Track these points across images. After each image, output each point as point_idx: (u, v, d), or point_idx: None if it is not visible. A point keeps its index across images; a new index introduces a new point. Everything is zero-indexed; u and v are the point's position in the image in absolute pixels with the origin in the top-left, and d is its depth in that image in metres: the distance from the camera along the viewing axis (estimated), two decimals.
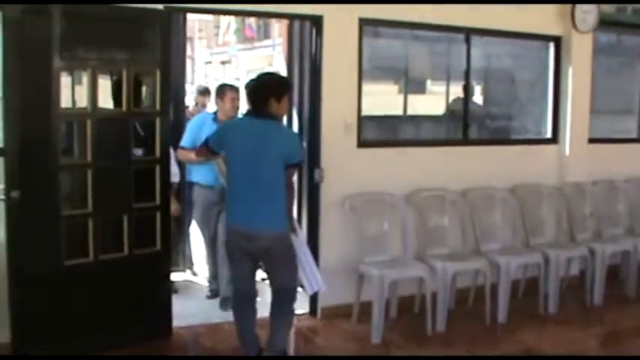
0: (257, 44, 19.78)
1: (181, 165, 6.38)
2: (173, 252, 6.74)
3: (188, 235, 7.01)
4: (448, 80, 6.73)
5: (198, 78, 20.31)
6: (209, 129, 5.47)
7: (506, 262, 5.71)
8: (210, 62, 21.50)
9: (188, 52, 24.94)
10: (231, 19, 16.01)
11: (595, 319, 5.95)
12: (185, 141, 5.95)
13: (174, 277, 6.58)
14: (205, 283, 6.47)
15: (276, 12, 5.56)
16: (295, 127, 6.09)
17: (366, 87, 5.93)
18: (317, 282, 4.80)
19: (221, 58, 19.98)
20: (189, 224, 6.90)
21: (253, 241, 4.41)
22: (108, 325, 4.80)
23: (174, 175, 6.28)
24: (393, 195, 5.80)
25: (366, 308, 5.43)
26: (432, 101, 7.36)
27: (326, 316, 5.65)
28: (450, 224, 6.00)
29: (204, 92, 7.49)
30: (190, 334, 5.36)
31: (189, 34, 24.79)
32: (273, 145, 4.44)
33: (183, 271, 6.94)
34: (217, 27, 19.75)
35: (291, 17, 5.80)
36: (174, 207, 5.80)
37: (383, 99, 7.60)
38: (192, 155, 5.52)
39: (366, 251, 5.60)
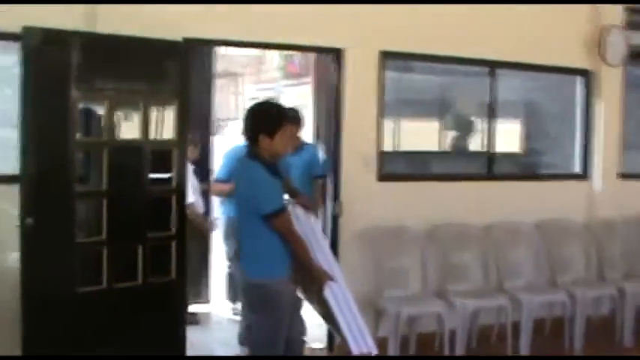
0: (303, 80, 19.85)
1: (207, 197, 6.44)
2: (197, 283, 6.83)
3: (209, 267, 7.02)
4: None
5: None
6: None
7: (529, 300, 5.56)
8: (256, 98, 21.55)
9: (234, 88, 25.31)
10: (275, 55, 16.09)
11: None
12: (219, 173, 5.94)
13: (197, 308, 6.62)
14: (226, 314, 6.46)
15: (297, 44, 5.59)
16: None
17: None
18: (365, 341, 4.18)
19: (267, 94, 20.11)
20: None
21: None
22: (120, 353, 4.79)
23: (200, 207, 6.35)
24: (414, 229, 5.73)
25: (384, 344, 5.33)
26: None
27: (343, 350, 5.57)
28: (473, 260, 5.88)
29: None
30: None
31: (235, 69, 25.17)
32: (242, 193, 4.13)
33: (207, 302, 6.93)
34: (263, 63, 19.93)
35: (311, 50, 5.83)
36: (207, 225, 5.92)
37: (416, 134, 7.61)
38: (226, 188, 5.54)
39: (385, 286, 5.52)
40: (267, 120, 4.04)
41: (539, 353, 5.58)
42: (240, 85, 22.39)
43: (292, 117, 5.70)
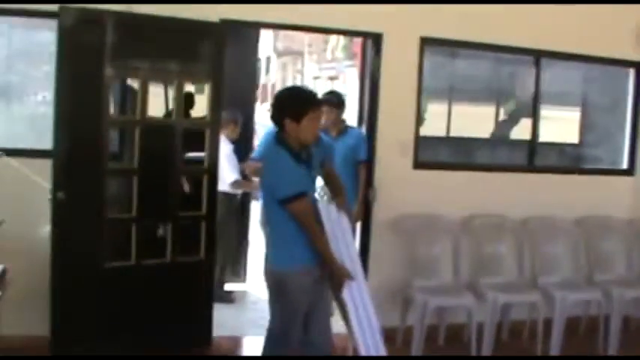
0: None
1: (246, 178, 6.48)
2: (235, 262, 6.90)
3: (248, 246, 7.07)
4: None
5: None
6: None
7: (562, 297, 5.42)
8: (318, 77, 21.67)
9: (298, 66, 25.34)
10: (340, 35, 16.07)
11: None
12: (255, 152, 5.95)
13: (233, 287, 6.68)
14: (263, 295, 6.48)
15: (336, 28, 5.54)
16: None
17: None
18: (375, 345, 4.06)
19: (329, 74, 20.09)
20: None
21: None
22: (145, 329, 4.88)
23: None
24: (448, 218, 5.64)
25: (411, 333, 5.29)
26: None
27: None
28: (507, 253, 5.75)
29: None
30: (230, 345, 5.39)
31: (299, 48, 25.19)
32: (265, 179, 4.08)
33: (244, 281, 6.99)
34: (326, 42, 19.90)
35: (350, 34, 5.76)
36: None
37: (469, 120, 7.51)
38: (259, 166, 5.53)
39: (416, 275, 5.46)
40: (294, 104, 3.91)
41: (569, 353, 5.43)
42: (304, 65, 22.49)
43: (329, 100, 5.70)
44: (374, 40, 5.47)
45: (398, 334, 5.47)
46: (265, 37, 25.10)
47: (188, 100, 5.18)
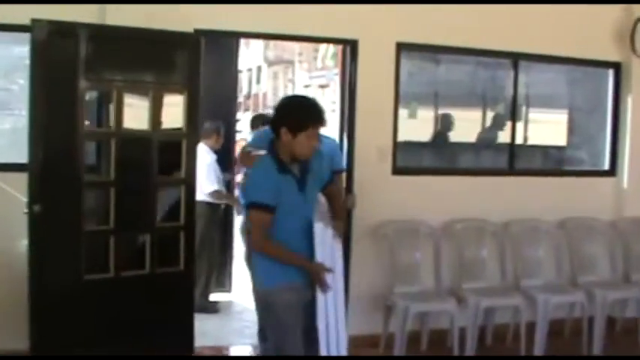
0: None
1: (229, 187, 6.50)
2: (219, 272, 6.88)
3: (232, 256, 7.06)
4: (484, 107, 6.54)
5: None
6: None
7: (545, 300, 5.41)
8: (309, 86, 21.74)
9: (289, 75, 25.38)
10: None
11: None
12: (251, 140, 5.83)
13: (218, 297, 6.67)
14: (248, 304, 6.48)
15: (311, 36, 5.54)
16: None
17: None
18: (339, 345, 3.90)
19: (319, 82, 20.15)
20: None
21: None
22: (125, 341, 4.85)
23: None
24: (429, 224, 5.63)
25: (393, 339, 5.28)
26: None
27: (352, 344, 5.52)
28: (489, 257, 5.75)
29: None
30: (212, 354, 5.37)
31: (289, 56, 25.20)
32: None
33: (229, 291, 6.97)
34: (316, 51, 19.95)
35: (326, 41, 5.77)
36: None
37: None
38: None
39: (397, 281, 5.45)
40: (294, 115, 3.68)
41: (553, 354, 5.42)
42: (293, 73, 22.54)
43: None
44: (350, 47, 5.47)
45: (380, 341, 5.46)
46: (255, 46, 25.21)
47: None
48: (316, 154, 3.83)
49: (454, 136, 7.25)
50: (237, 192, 6.66)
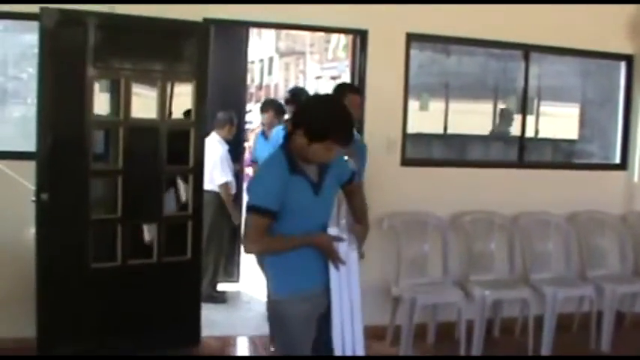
0: None
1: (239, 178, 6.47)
2: (228, 262, 6.88)
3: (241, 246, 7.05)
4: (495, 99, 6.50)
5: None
6: None
7: (553, 293, 5.37)
8: (320, 77, 21.69)
9: (300, 66, 25.34)
10: (341, 34, 16.06)
11: None
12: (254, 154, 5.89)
13: (225, 287, 6.68)
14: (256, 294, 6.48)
15: (320, 26, 5.52)
16: None
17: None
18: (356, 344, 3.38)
19: (331, 74, 20.10)
20: None
21: None
22: (132, 330, 4.88)
23: (233, 188, 6.39)
24: (437, 216, 5.60)
25: (400, 331, 5.26)
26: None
27: None
28: (498, 250, 5.71)
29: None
30: (219, 345, 5.37)
31: (300, 48, 25.18)
32: None
33: (237, 281, 6.97)
34: (328, 42, 19.91)
35: (336, 31, 5.74)
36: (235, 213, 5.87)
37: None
38: None
39: (404, 273, 5.42)
40: (318, 122, 3.15)
41: (561, 349, 5.37)
42: (306, 65, 22.51)
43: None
44: (360, 37, 5.45)
45: (387, 333, 5.45)
46: (267, 37, 25.16)
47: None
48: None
49: (463, 128, 7.23)
50: (245, 185, 6.63)
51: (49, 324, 4.68)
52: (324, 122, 3.16)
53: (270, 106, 6.47)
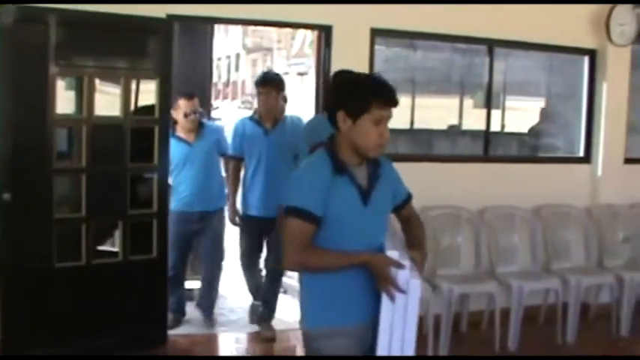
0: None
1: None
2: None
3: None
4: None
5: None
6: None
7: (519, 286, 5.41)
8: (287, 73, 21.66)
9: (267, 62, 25.25)
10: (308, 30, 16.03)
11: (617, 351, 5.55)
12: (232, 147, 5.66)
13: (193, 284, 6.62)
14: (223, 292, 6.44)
15: (284, 21, 5.49)
16: None
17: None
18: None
19: (298, 70, 20.10)
20: None
21: None
22: (98, 329, 4.83)
23: None
24: None
25: None
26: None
27: None
28: (464, 244, 5.74)
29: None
30: (187, 343, 5.34)
31: (267, 44, 25.08)
32: None
33: None
34: (294, 38, 19.90)
35: (299, 27, 5.72)
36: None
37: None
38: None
39: None
40: (354, 91, 2.80)
41: (528, 342, 5.42)
42: (272, 60, 22.48)
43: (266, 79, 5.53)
44: (324, 33, 5.43)
45: None
46: (234, 34, 25.08)
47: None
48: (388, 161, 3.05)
49: (429, 123, 7.28)
50: None
51: (13, 324, 4.64)
52: (362, 87, 2.81)
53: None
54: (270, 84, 5.43)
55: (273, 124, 5.44)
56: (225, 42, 24.28)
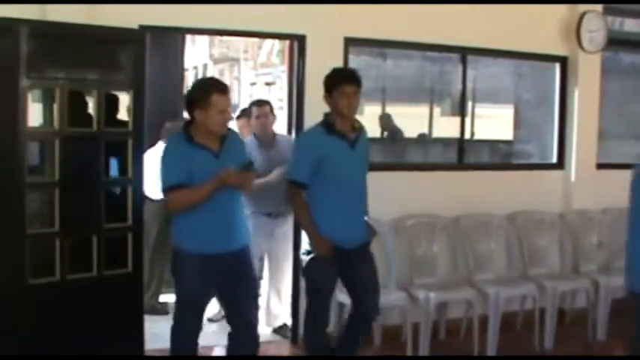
0: None
1: None
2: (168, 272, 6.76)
3: None
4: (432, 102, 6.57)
5: (243, 99, 20.50)
6: None
7: (496, 293, 5.43)
8: (255, 83, 21.63)
9: (235, 73, 25.05)
10: (275, 40, 15.99)
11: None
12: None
13: (167, 298, 6.55)
14: None
15: (258, 31, 5.47)
16: None
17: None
18: None
19: (265, 80, 20.04)
20: None
21: None
22: (74, 345, 4.73)
23: None
24: (378, 220, 5.57)
25: None
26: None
27: None
28: (440, 252, 5.76)
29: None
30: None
31: (234, 54, 24.88)
32: None
33: None
34: (260, 48, 19.82)
35: (273, 37, 5.71)
36: None
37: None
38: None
39: None
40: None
41: (506, 348, 5.45)
42: (239, 71, 22.39)
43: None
44: (298, 43, 5.41)
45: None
46: (201, 44, 24.99)
47: (112, 104, 5.04)
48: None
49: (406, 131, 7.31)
50: None
51: None
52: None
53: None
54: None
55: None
56: (193, 52, 24.18)
